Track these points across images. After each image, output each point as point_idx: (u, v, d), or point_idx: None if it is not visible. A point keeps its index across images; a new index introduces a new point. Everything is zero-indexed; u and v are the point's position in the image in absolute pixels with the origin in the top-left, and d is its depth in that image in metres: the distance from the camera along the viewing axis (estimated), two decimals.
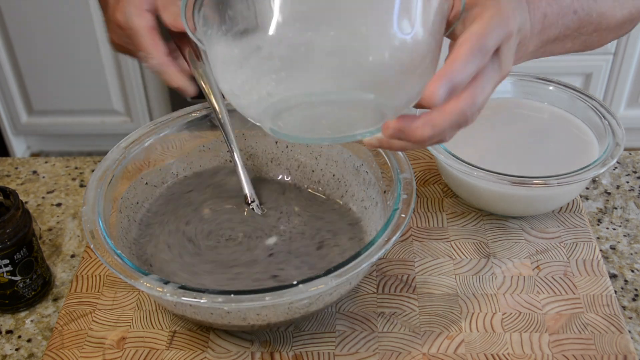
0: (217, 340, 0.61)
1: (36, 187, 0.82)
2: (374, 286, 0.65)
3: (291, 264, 0.63)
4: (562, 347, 0.59)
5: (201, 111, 0.71)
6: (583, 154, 0.71)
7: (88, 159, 0.86)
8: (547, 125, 0.76)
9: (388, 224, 0.57)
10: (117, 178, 0.65)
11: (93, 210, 0.60)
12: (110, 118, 2.09)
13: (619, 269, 0.69)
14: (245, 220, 0.68)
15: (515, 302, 0.63)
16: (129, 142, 0.68)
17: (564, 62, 1.94)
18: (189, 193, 0.71)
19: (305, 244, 0.65)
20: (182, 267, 0.63)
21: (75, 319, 0.63)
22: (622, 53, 1.91)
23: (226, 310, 0.56)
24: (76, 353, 0.60)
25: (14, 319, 0.66)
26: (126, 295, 0.65)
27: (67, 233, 0.75)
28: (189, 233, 0.67)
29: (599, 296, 0.64)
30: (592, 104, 0.74)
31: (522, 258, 0.68)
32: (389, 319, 0.62)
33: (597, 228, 0.73)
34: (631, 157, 0.82)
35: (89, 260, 0.69)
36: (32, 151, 2.26)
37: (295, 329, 0.62)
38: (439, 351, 0.59)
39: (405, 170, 0.63)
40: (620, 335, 0.60)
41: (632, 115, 2.03)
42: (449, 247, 0.69)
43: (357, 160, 0.69)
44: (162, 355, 0.60)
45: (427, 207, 0.74)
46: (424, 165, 0.79)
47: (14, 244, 0.62)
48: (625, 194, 0.78)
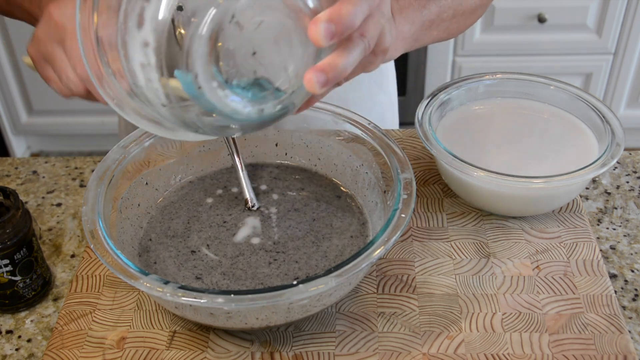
0: (217, 340, 0.61)
1: (36, 187, 0.82)
2: (374, 286, 0.65)
3: (293, 267, 0.63)
4: (562, 347, 0.59)
5: None
6: (583, 154, 0.71)
7: (88, 159, 0.86)
8: (547, 125, 0.76)
9: (388, 224, 0.57)
10: (117, 178, 0.65)
11: (93, 210, 0.60)
12: (110, 118, 2.09)
13: (619, 269, 0.69)
14: (245, 224, 0.68)
15: (515, 302, 0.63)
16: (129, 142, 0.68)
17: (564, 62, 1.94)
18: (190, 197, 0.71)
19: (306, 244, 0.65)
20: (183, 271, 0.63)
21: (75, 319, 0.63)
22: (622, 53, 1.91)
23: (226, 312, 0.56)
24: (76, 353, 0.60)
25: (14, 319, 0.66)
26: (126, 295, 0.65)
27: (67, 233, 0.75)
28: (189, 239, 0.67)
29: (599, 296, 0.64)
30: (592, 104, 0.74)
31: (522, 258, 0.68)
32: (389, 319, 0.62)
33: (597, 228, 0.73)
34: (631, 157, 0.82)
35: (89, 260, 0.69)
36: (32, 151, 2.26)
37: (295, 329, 0.62)
38: (439, 351, 0.59)
39: (406, 170, 0.63)
40: (620, 335, 0.60)
41: (632, 115, 2.03)
42: (449, 247, 0.69)
43: (357, 160, 0.69)
44: (162, 355, 0.60)
45: (427, 207, 0.74)
46: (424, 165, 0.79)
47: (14, 244, 0.62)
48: (625, 194, 0.78)
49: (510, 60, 1.94)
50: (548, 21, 1.86)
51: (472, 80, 0.78)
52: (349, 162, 0.71)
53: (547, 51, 1.92)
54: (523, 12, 1.86)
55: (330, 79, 0.46)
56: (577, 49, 1.92)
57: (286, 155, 0.75)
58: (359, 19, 0.46)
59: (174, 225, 0.68)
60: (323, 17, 0.45)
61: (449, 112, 0.77)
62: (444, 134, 0.73)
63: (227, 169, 0.74)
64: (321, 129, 0.72)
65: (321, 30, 0.45)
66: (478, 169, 0.66)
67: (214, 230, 0.67)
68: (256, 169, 0.74)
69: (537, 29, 1.88)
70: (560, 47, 1.91)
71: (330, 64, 0.47)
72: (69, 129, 2.15)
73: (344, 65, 0.47)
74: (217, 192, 0.72)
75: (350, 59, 0.47)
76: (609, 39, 1.88)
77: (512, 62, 1.94)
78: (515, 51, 1.93)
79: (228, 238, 0.66)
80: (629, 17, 1.84)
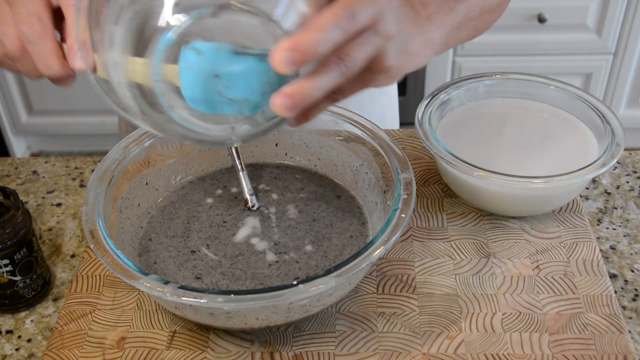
0: (217, 340, 0.61)
1: (36, 187, 0.82)
2: (374, 286, 0.65)
3: (293, 267, 0.63)
4: (562, 347, 0.59)
5: None
6: (583, 154, 0.71)
7: (88, 159, 0.86)
8: (547, 125, 0.76)
9: (388, 224, 0.57)
10: (117, 178, 0.65)
11: (93, 210, 0.60)
12: (110, 118, 2.09)
13: (619, 269, 0.69)
14: (245, 224, 0.68)
15: (515, 302, 0.63)
16: (129, 142, 0.68)
17: (564, 62, 1.94)
18: (190, 197, 0.71)
19: (306, 244, 0.65)
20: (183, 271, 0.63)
21: (75, 319, 0.63)
22: (622, 53, 1.91)
23: (226, 312, 0.56)
24: (76, 353, 0.60)
25: (14, 319, 0.66)
26: (126, 295, 0.65)
27: (67, 233, 0.75)
28: (189, 239, 0.67)
29: (599, 296, 0.64)
30: (592, 104, 0.74)
31: (522, 258, 0.68)
32: (389, 319, 0.62)
33: (597, 228, 0.73)
34: (631, 157, 0.82)
35: (89, 260, 0.69)
36: (32, 151, 2.26)
37: (295, 329, 0.62)
38: (439, 351, 0.59)
39: (405, 170, 0.63)
40: (620, 335, 0.60)
41: (632, 115, 2.03)
42: (449, 247, 0.69)
43: (357, 160, 0.69)
44: (162, 355, 0.60)
45: (427, 207, 0.74)
46: (424, 165, 0.79)
47: (14, 244, 0.62)
48: (625, 194, 0.78)
49: (510, 60, 1.94)
50: (548, 21, 1.86)
51: (472, 80, 0.78)
52: (349, 162, 0.71)
53: (547, 51, 1.92)
54: (523, 12, 1.86)
55: (296, 103, 0.46)
56: (577, 49, 1.92)
57: (286, 155, 0.75)
58: (325, 46, 0.45)
59: (174, 225, 0.68)
60: (285, 44, 0.44)
61: (449, 112, 0.77)
62: (444, 134, 0.73)
63: (227, 169, 0.74)
64: (321, 129, 0.72)
65: (282, 57, 0.44)
66: (478, 169, 0.66)
67: (213, 230, 0.67)
68: (256, 169, 0.74)
69: (537, 29, 1.88)
70: (560, 47, 1.91)
71: (297, 88, 0.46)
72: (69, 129, 2.15)
73: (311, 90, 0.46)
74: (217, 192, 0.72)
75: (318, 83, 0.47)
76: (609, 39, 1.88)
77: (512, 62, 1.94)
78: (515, 51, 1.93)
79: (228, 238, 0.66)
80: (629, 17, 1.84)
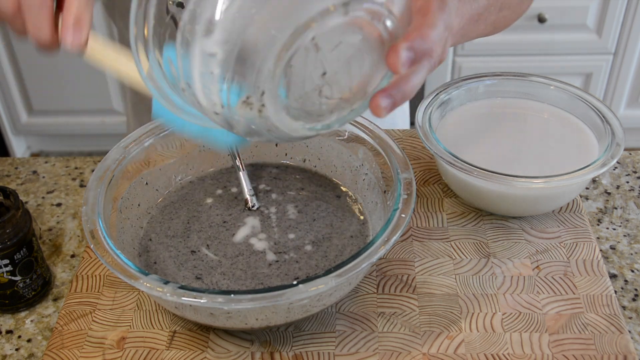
0: (217, 340, 0.61)
1: (36, 187, 0.82)
2: (374, 286, 0.65)
3: (293, 267, 0.63)
4: (562, 347, 0.59)
5: None
6: (583, 154, 0.71)
7: (88, 159, 0.86)
8: (547, 125, 0.76)
9: (388, 224, 0.57)
10: (117, 178, 0.65)
11: (93, 210, 0.60)
12: (110, 118, 2.09)
13: (619, 269, 0.69)
14: (245, 224, 0.68)
15: (515, 302, 0.63)
16: (129, 142, 0.68)
17: (564, 62, 1.94)
18: (190, 197, 0.71)
19: (306, 244, 0.65)
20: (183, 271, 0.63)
21: (75, 319, 0.63)
22: (622, 53, 1.91)
23: (227, 312, 0.56)
24: (76, 353, 0.60)
25: (14, 319, 0.66)
26: (126, 295, 0.65)
27: (67, 233, 0.75)
28: (189, 239, 0.67)
29: (599, 296, 0.64)
30: (592, 104, 0.74)
31: (522, 258, 0.68)
32: (389, 319, 0.62)
33: (597, 228, 0.73)
34: (631, 157, 0.82)
35: (89, 260, 0.69)
36: (32, 151, 2.26)
37: (295, 329, 0.62)
38: (439, 351, 0.59)
39: (405, 170, 0.63)
40: (620, 335, 0.60)
41: (632, 115, 2.03)
42: (449, 247, 0.69)
43: (357, 160, 0.69)
44: (162, 355, 0.60)
45: (427, 207, 0.74)
46: (424, 165, 0.79)
47: (14, 244, 0.62)
48: (625, 194, 0.78)
49: (510, 60, 1.94)
50: (548, 21, 1.86)
51: (472, 80, 0.78)
52: (349, 162, 0.71)
53: (547, 51, 1.92)
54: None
55: (397, 103, 0.44)
56: (577, 49, 1.92)
57: (286, 155, 0.75)
58: (439, 45, 0.44)
59: (174, 225, 0.68)
60: (404, 44, 0.43)
61: (449, 112, 0.77)
62: (444, 134, 0.73)
63: (227, 169, 0.74)
64: None
65: (402, 57, 0.43)
66: (478, 169, 0.66)
67: (213, 230, 0.67)
68: (256, 169, 0.74)
69: (537, 29, 1.88)
70: (560, 47, 1.91)
71: (399, 87, 0.44)
72: (69, 129, 2.15)
73: (411, 88, 0.45)
74: (217, 192, 0.72)
75: (417, 81, 0.45)
76: (609, 39, 1.88)
77: (512, 62, 1.94)
78: (515, 51, 1.93)
79: (228, 238, 0.66)
80: (629, 17, 1.84)
